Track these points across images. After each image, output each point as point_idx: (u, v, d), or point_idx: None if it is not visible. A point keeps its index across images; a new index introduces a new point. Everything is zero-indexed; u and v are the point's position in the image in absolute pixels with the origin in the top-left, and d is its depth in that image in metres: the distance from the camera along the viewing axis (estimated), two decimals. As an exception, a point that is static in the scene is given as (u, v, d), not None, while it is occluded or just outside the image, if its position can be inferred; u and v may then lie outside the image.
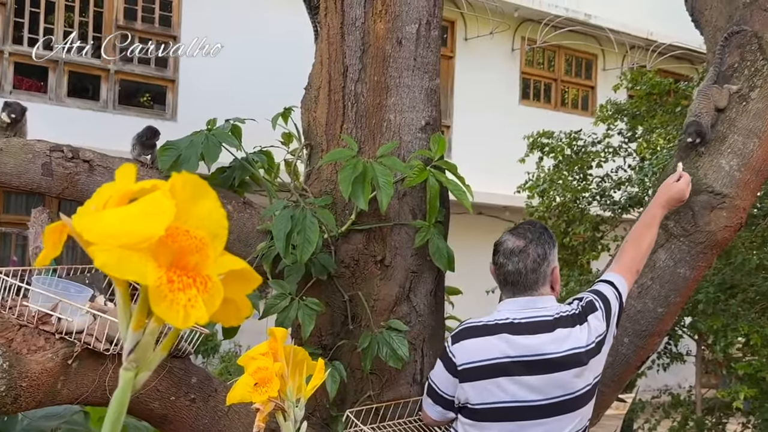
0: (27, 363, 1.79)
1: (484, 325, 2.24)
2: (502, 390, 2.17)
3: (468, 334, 2.24)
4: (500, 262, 2.28)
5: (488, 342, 2.19)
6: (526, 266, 2.26)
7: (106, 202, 0.66)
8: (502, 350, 2.17)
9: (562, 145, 6.91)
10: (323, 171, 2.97)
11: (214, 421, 2.35)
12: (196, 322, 0.63)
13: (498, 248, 2.31)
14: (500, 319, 2.23)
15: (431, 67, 2.93)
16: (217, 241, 0.67)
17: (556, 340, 2.19)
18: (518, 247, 2.27)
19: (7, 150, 2.59)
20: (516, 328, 2.20)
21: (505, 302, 2.30)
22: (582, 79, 12.71)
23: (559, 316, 2.24)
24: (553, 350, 2.18)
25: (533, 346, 2.18)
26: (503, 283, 2.29)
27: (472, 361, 2.19)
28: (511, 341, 2.18)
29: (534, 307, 2.25)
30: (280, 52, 9.49)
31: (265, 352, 1.38)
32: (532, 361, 2.17)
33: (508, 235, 2.33)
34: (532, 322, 2.22)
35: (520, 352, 2.17)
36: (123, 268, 0.61)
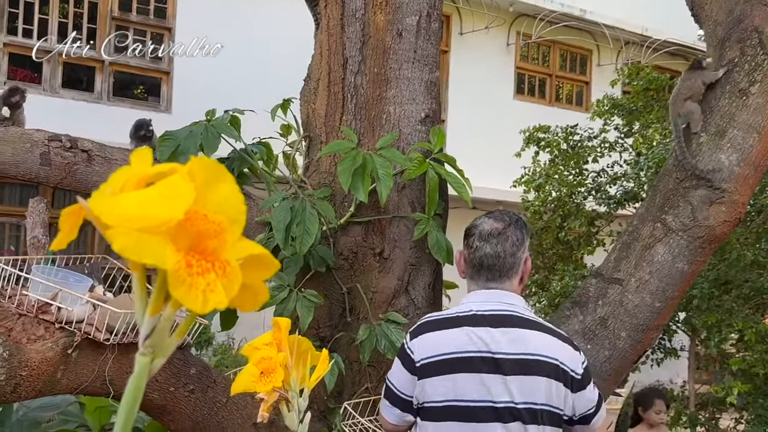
0: (27, 352, 1.78)
1: (444, 318, 2.08)
2: (463, 387, 1.99)
3: (427, 328, 2.07)
4: (476, 245, 2.09)
5: (448, 335, 2.02)
6: (504, 249, 2.08)
7: (123, 185, 0.65)
8: (462, 343, 2.00)
9: (558, 139, 6.91)
10: (322, 163, 2.96)
11: (213, 412, 2.34)
12: (215, 306, 0.62)
13: (472, 231, 2.13)
14: (462, 312, 2.06)
15: (431, 59, 2.92)
16: (235, 225, 0.67)
17: (520, 340, 2.01)
18: (497, 229, 2.10)
19: (5, 139, 2.58)
20: (479, 320, 2.03)
21: (470, 295, 2.12)
22: (577, 75, 12.71)
23: (527, 317, 2.07)
24: (516, 350, 2.00)
25: (497, 340, 2.00)
26: (477, 268, 2.09)
27: (432, 355, 2.02)
28: (472, 334, 2.01)
29: (501, 301, 2.07)
30: (277, 44, 9.47)
31: (269, 342, 1.38)
32: (498, 359, 1.98)
33: (484, 219, 2.15)
34: (497, 315, 2.04)
35: (482, 346, 1.99)
36: (141, 251, 0.60)
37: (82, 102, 9.45)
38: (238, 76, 9.36)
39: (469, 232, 2.14)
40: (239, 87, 8.79)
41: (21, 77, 9.44)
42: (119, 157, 2.74)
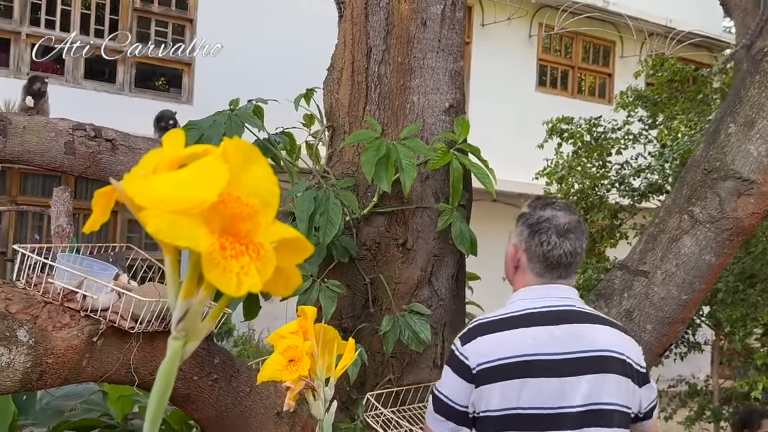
0: (52, 340, 1.78)
1: (499, 319, 1.92)
2: (525, 393, 1.83)
3: (481, 331, 1.90)
4: (554, 241, 1.91)
5: (506, 337, 1.87)
6: (581, 246, 1.93)
7: (156, 167, 0.64)
8: (522, 345, 1.85)
9: (582, 131, 6.86)
10: (345, 153, 2.95)
11: (236, 402, 2.34)
12: (249, 289, 0.61)
13: (545, 224, 1.93)
14: (517, 311, 1.91)
15: (455, 48, 2.90)
16: (268, 208, 0.66)
17: (585, 336, 1.87)
18: (571, 223, 1.94)
19: (30, 128, 2.58)
20: (537, 318, 1.89)
21: (523, 291, 1.95)
22: (599, 66, 12.62)
23: (585, 310, 1.94)
24: (581, 348, 1.85)
25: (559, 339, 1.85)
26: (553, 266, 1.92)
27: (490, 360, 1.85)
28: (531, 334, 1.86)
29: (557, 295, 1.92)
30: (299, 33, 9.46)
31: (295, 331, 1.37)
32: (562, 359, 1.84)
33: (551, 210, 1.96)
34: (555, 311, 1.90)
35: (543, 347, 1.84)
36: (175, 233, 0.59)
37: (104, 93, 9.50)
38: (260, 66, 9.36)
39: (539, 225, 1.94)
40: (261, 77, 8.79)
41: (44, 68, 9.49)
42: (143, 146, 2.74)
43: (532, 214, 1.96)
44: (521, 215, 2.01)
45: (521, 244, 1.96)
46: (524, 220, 1.97)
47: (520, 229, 1.97)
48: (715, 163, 2.73)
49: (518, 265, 1.97)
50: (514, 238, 2.00)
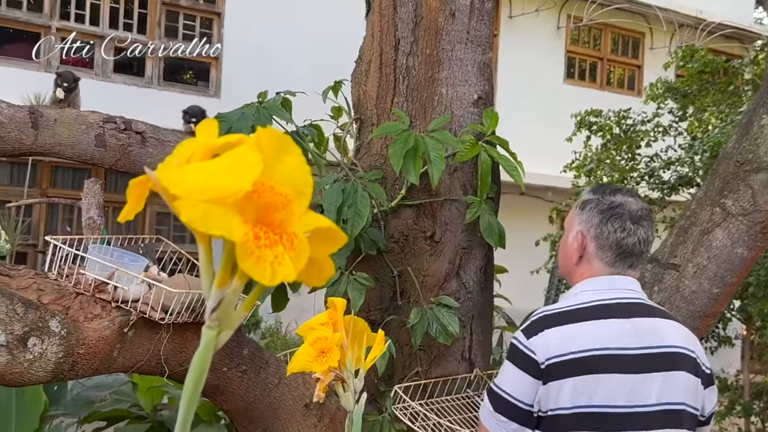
0: (84, 330, 1.80)
1: (566, 311, 1.80)
2: (598, 390, 1.71)
3: (548, 323, 1.78)
4: (629, 228, 1.80)
5: (576, 330, 1.75)
6: (653, 234, 1.83)
7: (190, 156, 0.64)
8: (593, 339, 1.73)
9: (611, 123, 6.81)
10: (373, 145, 2.94)
11: (265, 393, 2.35)
12: (283, 279, 0.61)
13: (618, 210, 1.81)
14: (585, 303, 1.79)
15: (484, 40, 2.88)
16: (301, 198, 0.65)
17: (658, 330, 1.78)
18: (645, 209, 1.84)
19: (61, 120, 2.61)
20: (607, 311, 1.78)
21: (588, 282, 1.84)
22: (629, 58, 12.51)
23: (652, 304, 1.87)
24: (656, 343, 1.76)
25: (630, 333, 1.75)
26: (625, 254, 1.82)
27: (562, 353, 1.72)
28: (603, 327, 1.75)
29: (625, 287, 1.82)
30: (327, 27, 9.47)
31: (324, 322, 1.37)
32: (635, 354, 1.73)
33: (621, 196, 1.86)
34: (625, 303, 1.80)
35: (615, 341, 1.73)
36: (209, 222, 0.60)
37: (133, 87, 9.57)
38: (288, 59, 9.39)
39: (612, 211, 1.83)
40: (288, 70, 8.82)
41: (73, 62, 9.58)
42: (172, 138, 2.76)
43: (602, 200, 1.85)
44: (587, 201, 1.89)
45: (590, 231, 1.85)
46: (593, 206, 1.86)
47: (589, 216, 1.86)
48: (748, 155, 2.70)
49: (584, 254, 1.86)
50: (580, 226, 1.88)
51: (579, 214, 1.90)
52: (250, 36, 9.70)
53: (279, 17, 9.70)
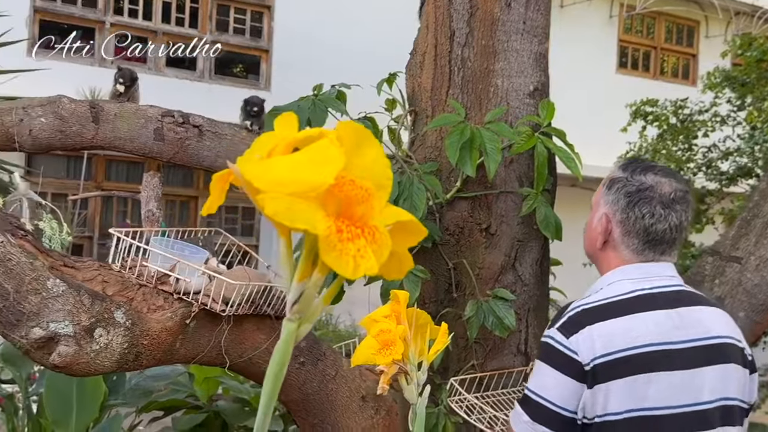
0: (147, 321, 1.82)
1: (606, 304, 1.65)
2: (652, 390, 1.58)
3: (589, 318, 1.62)
4: (658, 213, 1.65)
5: (620, 325, 1.60)
6: (688, 218, 1.68)
7: (271, 150, 0.64)
8: (640, 333, 1.59)
9: (667, 113, 6.70)
10: (428, 137, 2.93)
11: (322, 385, 2.36)
12: (365, 272, 0.61)
13: (647, 194, 1.67)
14: (625, 294, 1.65)
15: (540, 30, 2.85)
16: (381, 191, 0.65)
17: (703, 320, 1.65)
18: (679, 191, 1.68)
19: (121, 115, 2.65)
20: (650, 301, 1.63)
21: (621, 270, 1.69)
22: (683, 47, 12.29)
23: (694, 291, 1.75)
24: (703, 334, 1.63)
25: (677, 325, 1.62)
26: (655, 242, 1.67)
27: (610, 352, 1.57)
28: (649, 319, 1.61)
29: (663, 274, 1.68)
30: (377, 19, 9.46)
31: (388, 315, 1.37)
32: (691, 348, 1.61)
33: (653, 175, 1.69)
34: (667, 292, 1.66)
35: (664, 335, 1.60)
36: (293, 216, 0.60)
37: (185, 80, 9.68)
38: (338, 52, 9.40)
39: (640, 194, 1.68)
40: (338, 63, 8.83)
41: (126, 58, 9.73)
42: (228, 132, 2.78)
43: (631, 180, 1.70)
44: (614, 180, 1.75)
45: (615, 214, 1.71)
46: (621, 187, 1.71)
47: (615, 197, 1.71)
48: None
49: (609, 239, 1.73)
50: (605, 207, 1.74)
51: (605, 194, 1.76)
52: (299, 28, 9.75)
53: (328, 9, 9.72)
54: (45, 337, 1.59)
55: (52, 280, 1.60)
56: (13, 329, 1.61)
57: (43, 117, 2.61)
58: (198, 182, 9.95)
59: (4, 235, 1.59)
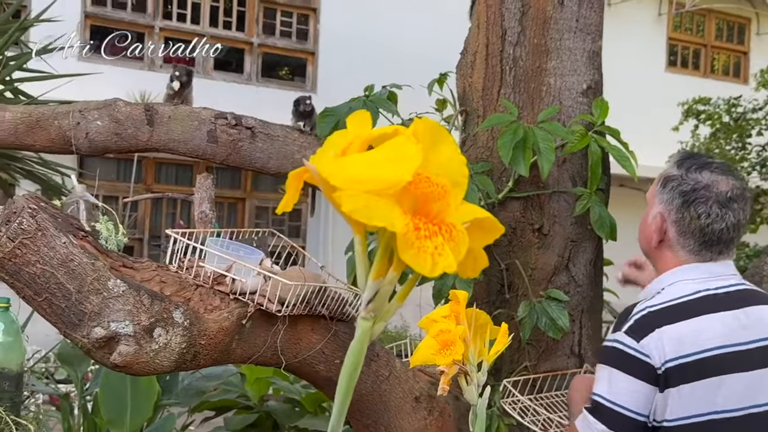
0: (205, 321, 1.83)
1: (674, 305, 1.62)
2: (725, 393, 1.57)
3: (658, 320, 1.60)
4: (715, 213, 1.62)
5: (691, 327, 1.58)
6: (746, 216, 1.65)
7: (346, 148, 0.64)
8: (713, 335, 1.58)
9: (720, 112, 6.59)
10: (479, 137, 2.92)
11: (375, 386, 2.36)
12: (444, 270, 0.61)
13: (703, 193, 1.63)
14: (690, 295, 1.63)
15: (594, 28, 2.82)
16: (457, 188, 0.65)
17: (765, 318, 1.62)
18: (736, 189, 1.64)
19: (175, 117, 2.67)
20: (718, 302, 1.61)
21: (681, 270, 1.66)
22: (734, 44, 12.08)
23: (756, 289, 1.71)
24: (765, 333, 1.61)
25: (745, 325, 1.59)
26: (711, 242, 1.64)
27: (682, 355, 1.56)
28: (721, 321, 1.59)
29: (726, 273, 1.67)
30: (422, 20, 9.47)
31: (447, 315, 1.36)
32: (756, 348, 1.59)
33: (709, 173, 1.64)
34: (733, 292, 1.64)
35: (735, 336, 1.58)
36: (371, 213, 0.59)
37: (233, 83, 9.77)
38: (382, 53, 9.41)
39: (695, 194, 1.64)
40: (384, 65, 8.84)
41: (176, 61, 9.85)
42: (281, 134, 2.79)
43: (686, 179, 1.67)
44: (669, 178, 1.72)
45: (670, 214, 1.69)
46: (675, 186, 1.68)
47: (670, 196, 1.69)
48: None
49: (664, 238, 1.71)
50: (660, 206, 1.71)
51: (660, 192, 1.73)
52: (345, 30, 9.78)
53: (374, 11, 9.74)
54: (106, 337, 1.61)
55: (113, 280, 1.62)
56: (75, 329, 1.63)
57: (99, 120, 2.65)
58: (245, 184, 10.04)
59: (66, 235, 1.61)
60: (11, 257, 1.57)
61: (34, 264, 1.58)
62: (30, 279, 1.59)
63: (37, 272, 1.58)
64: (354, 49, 9.60)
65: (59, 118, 2.67)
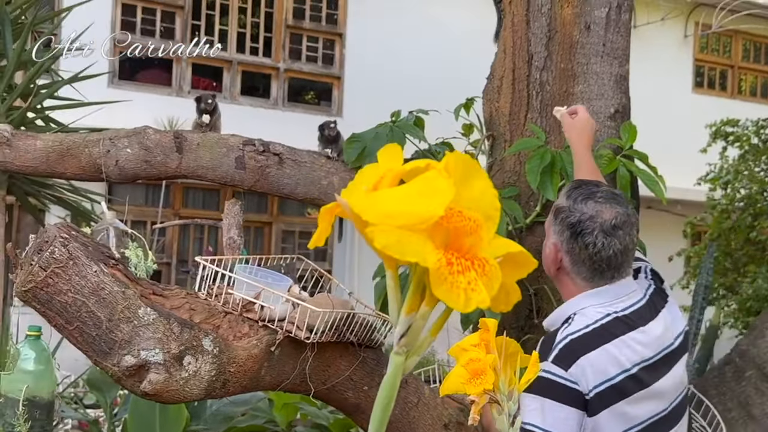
0: (234, 349, 1.84)
1: (590, 332, 1.71)
2: (638, 407, 1.70)
3: (581, 348, 1.68)
4: (600, 242, 1.71)
5: (613, 350, 1.69)
6: (633, 240, 1.76)
7: (378, 182, 0.64)
8: (627, 357, 1.70)
9: (749, 133, 6.53)
10: (506, 162, 2.92)
11: (404, 412, 2.35)
12: (477, 305, 0.60)
13: (588, 224, 1.73)
14: (602, 319, 1.73)
15: (621, 52, 2.81)
16: (490, 222, 0.65)
17: (666, 327, 1.78)
18: (620, 216, 1.73)
19: (203, 144, 2.70)
20: (628, 322, 1.73)
21: (588, 296, 1.76)
22: (761, 65, 11.99)
23: (649, 296, 1.84)
24: (669, 339, 1.77)
25: (651, 342, 1.74)
26: (601, 270, 1.74)
27: (606, 379, 1.67)
28: (630, 343, 1.72)
29: (626, 293, 1.77)
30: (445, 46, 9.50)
31: (477, 344, 1.36)
32: (656, 362, 1.73)
33: (593, 204, 1.75)
34: (636, 311, 1.76)
35: (642, 354, 1.71)
36: (403, 249, 0.59)
37: (259, 108, 9.84)
38: (408, 77, 9.45)
39: (581, 225, 1.74)
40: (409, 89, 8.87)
41: (204, 86, 9.95)
42: (308, 159, 2.81)
43: (573, 210, 1.76)
44: (559, 209, 1.81)
45: (562, 245, 1.78)
46: (564, 217, 1.77)
47: (560, 228, 1.78)
48: None
49: (560, 266, 1.81)
50: (554, 237, 1.81)
51: (553, 223, 1.83)
52: (370, 55, 9.84)
53: (398, 36, 9.80)
54: (136, 365, 1.62)
55: (143, 308, 1.63)
56: (106, 357, 1.64)
57: (129, 148, 2.68)
58: (272, 208, 10.08)
59: (97, 264, 1.62)
60: (43, 286, 1.58)
61: (65, 293, 1.59)
62: (61, 308, 1.60)
63: (68, 301, 1.60)
64: (380, 74, 9.65)
65: (90, 146, 2.70)
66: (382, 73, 9.63)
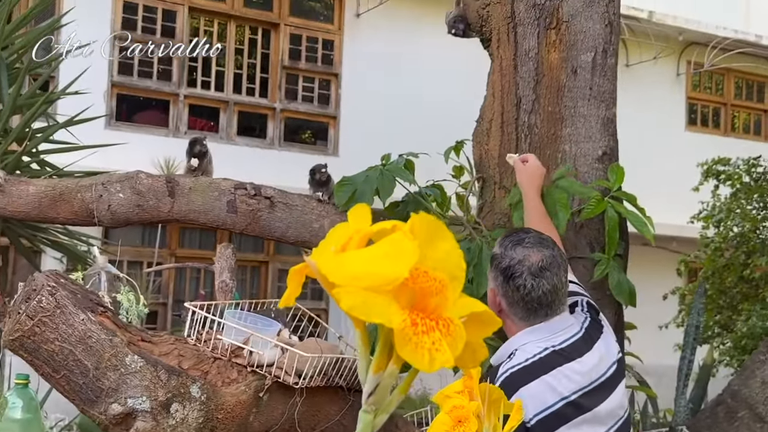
0: (222, 395, 1.84)
1: (528, 365, 1.85)
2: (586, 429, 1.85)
3: (520, 381, 1.83)
4: (529, 284, 1.85)
5: (551, 381, 1.83)
6: (561, 279, 1.88)
7: (346, 243, 0.66)
8: (564, 387, 1.84)
9: (740, 172, 6.57)
10: (496, 204, 2.94)
11: (395, 456, 2.34)
12: (441, 365, 0.62)
13: (517, 267, 1.87)
14: (540, 353, 1.86)
15: (608, 95, 2.85)
16: (455, 282, 0.66)
17: (601, 357, 1.92)
18: (546, 259, 1.87)
19: (195, 188, 2.72)
20: (564, 355, 1.87)
21: (527, 333, 1.90)
22: (754, 103, 12.09)
23: (585, 329, 1.96)
24: (604, 368, 1.91)
25: (587, 371, 1.87)
26: (534, 309, 1.87)
27: (545, 408, 1.81)
28: (567, 373, 1.85)
29: (562, 328, 1.91)
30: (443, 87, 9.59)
31: (460, 391, 1.36)
32: (593, 389, 1.86)
33: (522, 249, 1.89)
34: (572, 344, 1.89)
35: (579, 383, 1.85)
36: (369, 310, 0.61)
37: (255, 148, 9.89)
38: (404, 118, 9.52)
39: (511, 270, 1.88)
40: (405, 129, 8.94)
41: (200, 126, 10.01)
42: (299, 203, 2.83)
43: (503, 257, 1.91)
44: (493, 257, 1.96)
45: (499, 289, 1.92)
46: (497, 264, 1.92)
47: (495, 273, 1.93)
48: None
49: (501, 309, 1.92)
50: (492, 282, 1.96)
51: (490, 269, 1.98)
52: (367, 95, 9.91)
53: (394, 74, 9.88)
54: (123, 413, 1.62)
55: (131, 356, 1.64)
56: (92, 405, 1.65)
57: (121, 192, 2.70)
58: (268, 248, 10.09)
59: (84, 312, 1.63)
60: (30, 335, 1.59)
61: (52, 341, 1.60)
62: (48, 356, 1.61)
63: (55, 349, 1.60)
64: (375, 113, 9.72)
65: (82, 191, 2.72)
66: (378, 111, 9.72)
